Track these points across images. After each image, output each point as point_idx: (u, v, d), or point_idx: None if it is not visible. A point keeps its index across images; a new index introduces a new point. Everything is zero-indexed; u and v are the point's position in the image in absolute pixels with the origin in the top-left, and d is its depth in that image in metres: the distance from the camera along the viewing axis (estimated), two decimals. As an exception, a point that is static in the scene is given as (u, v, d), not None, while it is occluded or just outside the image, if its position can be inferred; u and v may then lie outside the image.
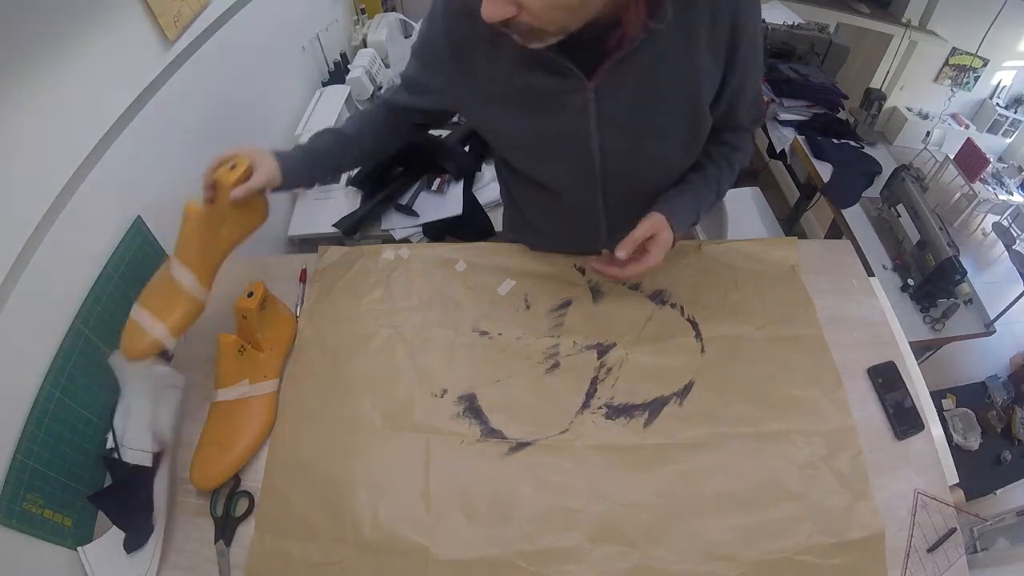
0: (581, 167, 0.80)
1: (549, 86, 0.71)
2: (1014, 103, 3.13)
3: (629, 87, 0.71)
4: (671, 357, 0.89)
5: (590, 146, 0.77)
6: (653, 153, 0.79)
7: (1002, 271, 2.59)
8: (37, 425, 0.75)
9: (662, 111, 0.74)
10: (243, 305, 0.86)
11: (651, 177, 0.84)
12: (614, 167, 0.80)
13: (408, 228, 1.49)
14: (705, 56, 0.71)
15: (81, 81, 0.86)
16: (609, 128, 0.75)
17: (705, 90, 0.74)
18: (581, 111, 0.73)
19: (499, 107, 0.76)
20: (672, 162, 0.83)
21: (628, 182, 0.83)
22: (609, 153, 0.78)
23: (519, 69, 0.70)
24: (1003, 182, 2.78)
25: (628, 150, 0.77)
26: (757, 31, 0.74)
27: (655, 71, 0.70)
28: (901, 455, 0.81)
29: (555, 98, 0.72)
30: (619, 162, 0.79)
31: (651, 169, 0.82)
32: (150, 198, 1.03)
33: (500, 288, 0.99)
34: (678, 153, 0.81)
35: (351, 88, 1.79)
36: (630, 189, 0.84)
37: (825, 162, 1.95)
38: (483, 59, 0.72)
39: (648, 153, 0.78)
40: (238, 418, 0.83)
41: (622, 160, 0.79)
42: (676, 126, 0.76)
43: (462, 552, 0.73)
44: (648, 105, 0.73)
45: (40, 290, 0.78)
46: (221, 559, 0.75)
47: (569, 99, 0.72)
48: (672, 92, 0.72)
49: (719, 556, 0.72)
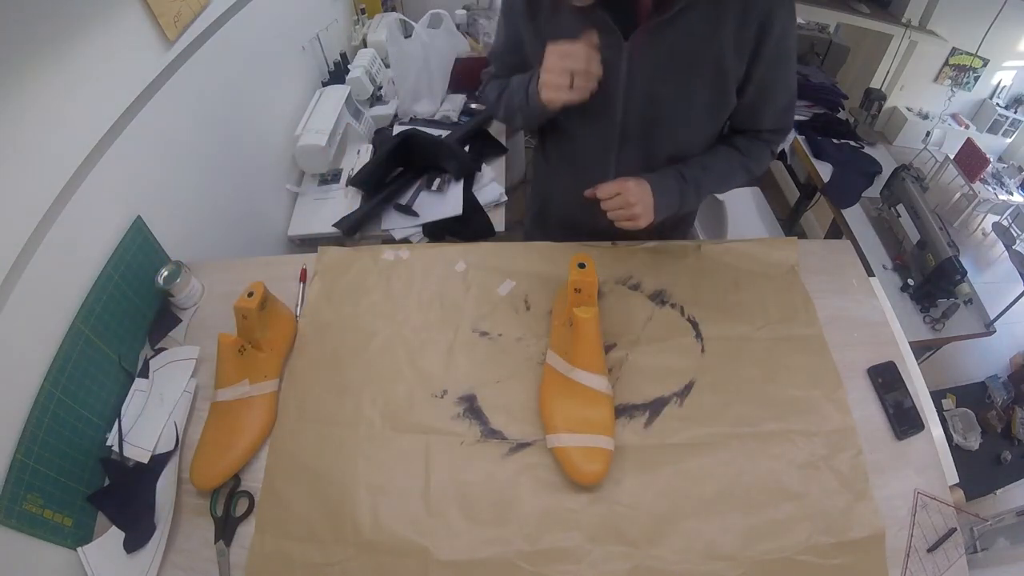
0: (605, 120, 0.87)
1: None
2: (1014, 103, 3.13)
3: (660, 52, 0.78)
4: (671, 357, 0.89)
5: (616, 101, 0.84)
6: (672, 120, 0.86)
7: (1002, 271, 2.59)
8: (37, 425, 0.75)
9: (686, 81, 0.81)
10: (243, 305, 0.86)
11: (664, 145, 0.90)
12: (633, 126, 0.87)
13: (408, 228, 1.49)
14: (730, 41, 0.77)
15: (81, 81, 0.86)
16: (635, 87, 0.82)
17: (729, 72, 0.81)
18: (614, 67, 0.80)
19: None
20: (687, 135, 0.90)
21: (643, 146, 0.90)
22: (631, 112, 0.85)
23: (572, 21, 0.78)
24: (1003, 182, 2.78)
25: (649, 112, 0.85)
26: (788, 36, 0.80)
27: (684, 43, 0.77)
28: (901, 455, 0.81)
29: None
30: (638, 123, 0.86)
31: (666, 137, 0.89)
32: (150, 198, 1.03)
33: (500, 288, 0.99)
34: (696, 126, 0.89)
35: (351, 88, 1.79)
36: (643, 155, 0.90)
37: (825, 162, 1.96)
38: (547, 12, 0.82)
39: (667, 119, 0.86)
40: (238, 418, 0.83)
41: (642, 121, 0.86)
42: (698, 98, 0.83)
43: (462, 552, 0.73)
44: (674, 73, 0.80)
45: (40, 290, 0.78)
46: (221, 559, 0.75)
47: (607, 55, 0.77)
48: (698, 65, 0.80)
49: (719, 556, 0.72)
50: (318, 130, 1.60)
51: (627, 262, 1.02)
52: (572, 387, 0.81)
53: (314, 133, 1.60)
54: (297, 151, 1.62)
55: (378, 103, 1.97)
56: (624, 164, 0.92)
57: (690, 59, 0.79)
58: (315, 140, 1.58)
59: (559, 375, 0.83)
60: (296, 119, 1.66)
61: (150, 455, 0.82)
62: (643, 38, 0.77)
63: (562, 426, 0.79)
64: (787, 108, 0.90)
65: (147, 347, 0.97)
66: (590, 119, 0.89)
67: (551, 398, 0.82)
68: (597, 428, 0.78)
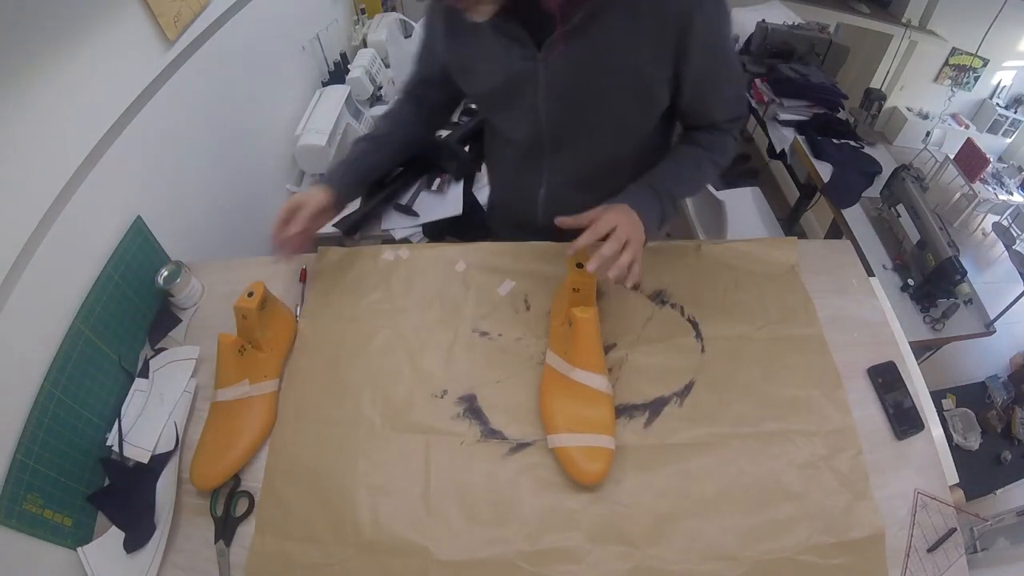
0: (531, 126, 0.87)
1: (510, 50, 0.78)
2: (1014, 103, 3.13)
3: (574, 60, 0.76)
4: (671, 357, 0.89)
5: (538, 108, 0.83)
6: (596, 127, 0.85)
7: (1002, 271, 2.59)
8: (37, 425, 0.75)
9: (603, 87, 0.79)
10: (243, 305, 0.86)
11: (594, 150, 0.89)
12: (559, 134, 0.87)
13: (408, 228, 1.49)
14: (648, 45, 0.75)
15: (81, 81, 0.86)
16: (554, 96, 0.81)
17: (650, 77, 0.79)
18: (532, 76, 0.79)
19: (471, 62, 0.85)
20: (616, 140, 0.88)
21: (573, 152, 0.89)
22: (554, 116, 0.84)
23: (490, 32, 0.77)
24: (1003, 182, 2.78)
25: (571, 115, 0.84)
26: (715, 31, 0.76)
27: (599, 49, 0.75)
28: (901, 455, 0.81)
29: (512, 62, 0.79)
30: (563, 126, 0.85)
31: (591, 138, 0.87)
32: (150, 198, 1.03)
33: (500, 288, 0.99)
34: (622, 131, 0.87)
35: (351, 88, 1.79)
36: (575, 161, 0.90)
37: (825, 162, 1.95)
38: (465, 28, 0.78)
39: (590, 126, 0.85)
40: (238, 418, 0.83)
41: (565, 124, 0.85)
42: (618, 103, 0.81)
43: (462, 552, 0.73)
44: (591, 77, 0.78)
45: (40, 290, 0.78)
46: (221, 559, 0.75)
47: (522, 65, 0.78)
48: (614, 71, 0.78)
49: (719, 556, 0.72)
50: (318, 130, 1.60)
51: (627, 262, 1.02)
52: (572, 387, 0.81)
53: (314, 133, 1.60)
54: (297, 151, 1.62)
55: (378, 103, 1.97)
56: (557, 171, 0.93)
57: (605, 65, 0.77)
58: (315, 140, 1.58)
59: (559, 375, 0.83)
60: (296, 119, 1.66)
61: (150, 455, 0.82)
62: (557, 47, 0.75)
63: (563, 426, 0.79)
64: (736, 97, 0.88)
65: (147, 347, 0.97)
66: (518, 127, 0.89)
67: (551, 398, 0.82)
68: (598, 427, 0.78)
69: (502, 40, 0.77)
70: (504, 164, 1.06)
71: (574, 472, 0.76)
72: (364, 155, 0.99)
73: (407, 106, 1.02)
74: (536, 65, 0.78)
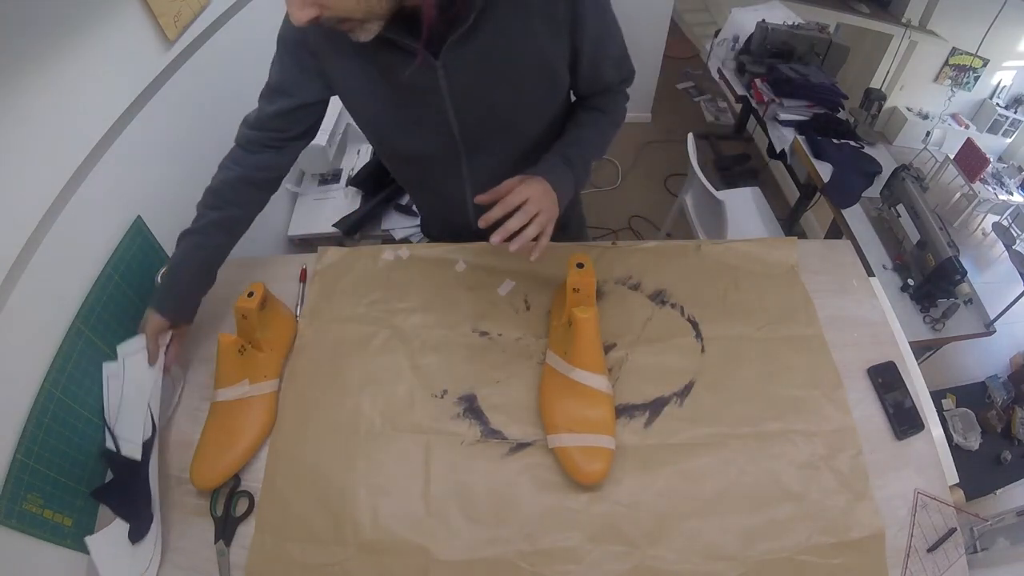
0: (442, 136, 0.85)
1: (403, 66, 0.74)
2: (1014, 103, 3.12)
3: (475, 59, 0.75)
4: (671, 357, 0.89)
5: (447, 117, 0.82)
6: (511, 121, 0.85)
7: (1002, 271, 2.59)
8: (37, 425, 0.75)
9: (510, 77, 0.79)
10: (243, 305, 0.86)
11: (509, 139, 0.89)
12: (473, 134, 0.85)
13: (408, 228, 1.49)
14: (545, 28, 0.76)
15: (81, 81, 0.86)
16: (462, 98, 0.80)
17: (552, 56, 0.79)
18: (433, 86, 0.78)
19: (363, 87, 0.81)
20: (529, 130, 0.88)
21: (489, 152, 0.88)
22: (465, 121, 0.83)
23: (376, 52, 0.74)
24: (1003, 182, 2.78)
25: (483, 115, 0.83)
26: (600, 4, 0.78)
27: (497, 42, 0.75)
28: (901, 455, 0.81)
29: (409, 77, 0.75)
30: (477, 128, 0.85)
31: (508, 132, 0.87)
32: (150, 198, 1.03)
33: (500, 288, 0.99)
34: (532, 117, 0.87)
35: (351, 88, 1.78)
36: (492, 160, 0.89)
37: (825, 162, 1.95)
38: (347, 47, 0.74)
39: (505, 122, 0.85)
40: (238, 418, 0.83)
41: (479, 126, 0.84)
42: (529, 89, 0.82)
43: (462, 552, 0.73)
44: (496, 73, 0.78)
45: (40, 290, 0.78)
46: (221, 559, 0.75)
47: (421, 77, 0.76)
48: (518, 59, 0.77)
49: (719, 556, 0.72)
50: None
51: (627, 262, 1.02)
52: (572, 387, 0.81)
53: (314, 133, 1.59)
54: (297, 151, 1.62)
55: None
56: (476, 172, 0.91)
57: (509, 58, 0.76)
58: (315, 140, 1.58)
59: (559, 375, 0.83)
60: (296, 119, 1.66)
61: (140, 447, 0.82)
62: (454, 51, 0.74)
63: (563, 426, 0.79)
64: (622, 56, 0.88)
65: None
66: (429, 140, 0.86)
67: (551, 398, 0.82)
68: (598, 427, 0.78)
69: (395, 56, 0.73)
70: (421, 182, 1.02)
71: (574, 472, 0.76)
72: (186, 258, 0.88)
73: (235, 168, 0.89)
74: (436, 74, 0.76)
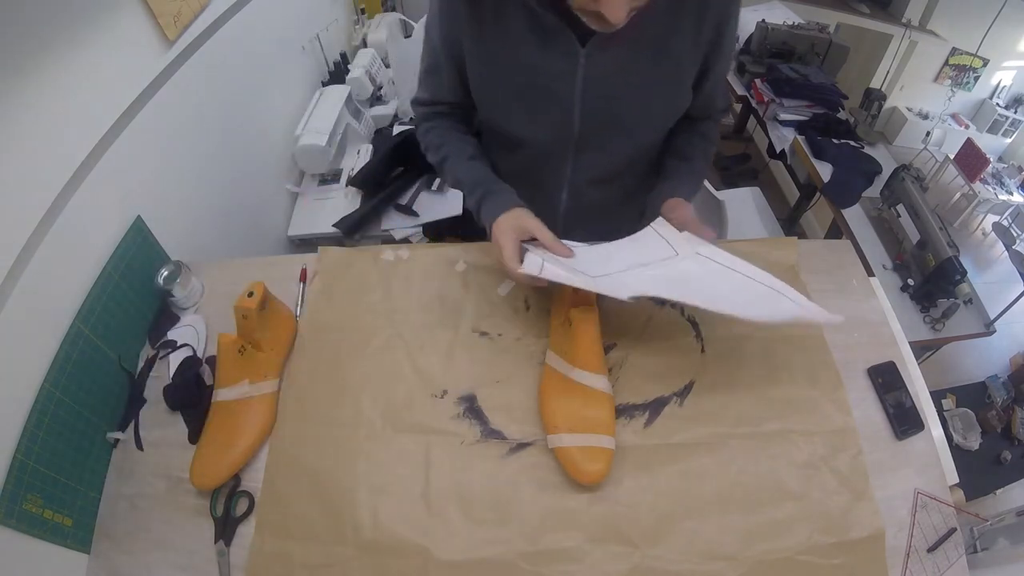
0: (560, 129, 0.85)
1: (546, 45, 0.75)
2: (1014, 103, 3.12)
3: (618, 58, 0.76)
4: (671, 357, 0.89)
5: (572, 107, 0.82)
6: (632, 122, 0.85)
7: (1002, 271, 2.59)
8: (37, 425, 0.75)
9: (645, 84, 0.80)
10: (243, 305, 0.86)
11: (623, 148, 0.89)
12: (591, 133, 0.85)
13: (408, 228, 1.49)
14: (687, 44, 0.78)
15: (81, 81, 0.86)
16: (593, 92, 0.80)
17: (685, 73, 0.82)
18: (569, 75, 0.78)
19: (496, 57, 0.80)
20: (646, 135, 0.89)
21: (600, 151, 0.89)
22: (588, 117, 0.83)
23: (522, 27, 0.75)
24: (1003, 182, 2.78)
25: (608, 117, 0.83)
26: (735, 27, 0.82)
27: (642, 48, 0.76)
28: (901, 455, 0.81)
29: (550, 58, 0.76)
30: (596, 127, 0.84)
31: (625, 136, 0.87)
32: (150, 198, 1.03)
33: (500, 288, 0.99)
34: (653, 127, 0.88)
35: (351, 88, 1.79)
36: (600, 161, 0.90)
37: (825, 162, 1.96)
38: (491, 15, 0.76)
39: (627, 121, 0.85)
40: (238, 418, 0.83)
41: (600, 127, 0.84)
42: (657, 100, 0.83)
43: (462, 553, 0.73)
44: (633, 77, 0.79)
45: (40, 290, 0.78)
46: (221, 559, 0.75)
47: (561, 62, 0.77)
48: (656, 69, 0.79)
49: (719, 556, 0.72)
50: (318, 130, 1.60)
51: (627, 262, 1.02)
52: (572, 387, 0.81)
53: (314, 133, 1.60)
54: (297, 151, 1.62)
55: (378, 103, 1.97)
56: (580, 172, 0.92)
57: (650, 58, 0.77)
58: (315, 140, 1.58)
59: (559, 375, 0.83)
60: (296, 119, 1.66)
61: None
62: (600, 45, 0.74)
63: (563, 426, 0.79)
64: (725, 87, 0.93)
65: (147, 347, 0.97)
66: (544, 131, 0.85)
67: (551, 398, 0.82)
68: (598, 427, 0.78)
69: (537, 33, 0.73)
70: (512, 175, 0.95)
71: (574, 472, 0.76)
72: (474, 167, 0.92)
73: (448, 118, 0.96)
74: (576, 61, 0.76)
